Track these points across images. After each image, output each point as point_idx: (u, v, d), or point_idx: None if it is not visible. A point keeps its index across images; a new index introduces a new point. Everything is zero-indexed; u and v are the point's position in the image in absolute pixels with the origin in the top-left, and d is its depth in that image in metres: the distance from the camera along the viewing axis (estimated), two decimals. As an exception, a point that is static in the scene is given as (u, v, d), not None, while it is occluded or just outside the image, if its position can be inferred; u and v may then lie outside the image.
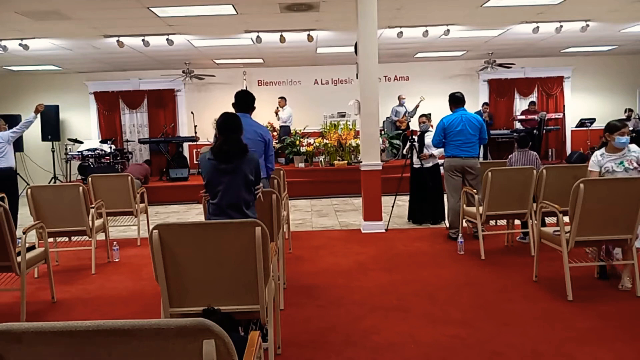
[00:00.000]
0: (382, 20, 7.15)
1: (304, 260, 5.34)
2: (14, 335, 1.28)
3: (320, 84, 13.12)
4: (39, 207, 5.09)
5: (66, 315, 4.02)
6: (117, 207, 6.16)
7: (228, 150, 3.23)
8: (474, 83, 13.12)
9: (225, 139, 3.27)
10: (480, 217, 5.17)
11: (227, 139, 3.26)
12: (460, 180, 5.87)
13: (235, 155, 3.25)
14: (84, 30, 8.21)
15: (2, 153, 6.55)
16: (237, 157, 3.26)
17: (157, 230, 2.49)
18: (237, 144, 3.27)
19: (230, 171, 3.26)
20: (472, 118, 5.90)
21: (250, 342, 1.83)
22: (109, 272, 5.23)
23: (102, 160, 10.73)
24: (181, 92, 13.08)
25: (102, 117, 12.99)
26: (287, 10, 7.42)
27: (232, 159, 3.25)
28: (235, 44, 9.76)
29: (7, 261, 3.75)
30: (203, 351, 1.27)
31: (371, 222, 6.63)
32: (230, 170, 3.26)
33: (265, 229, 2.52)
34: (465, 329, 3.40)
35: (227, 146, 3.24)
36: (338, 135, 10.59)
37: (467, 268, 4.87)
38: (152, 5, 6.82)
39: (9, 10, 6.72)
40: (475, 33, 9.69)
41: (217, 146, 3.26)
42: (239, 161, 3.27)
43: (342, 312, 3.80)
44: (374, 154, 6.70)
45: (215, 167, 3.27)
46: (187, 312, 2.58)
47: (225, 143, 3.25)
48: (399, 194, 7.18)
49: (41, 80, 12.69)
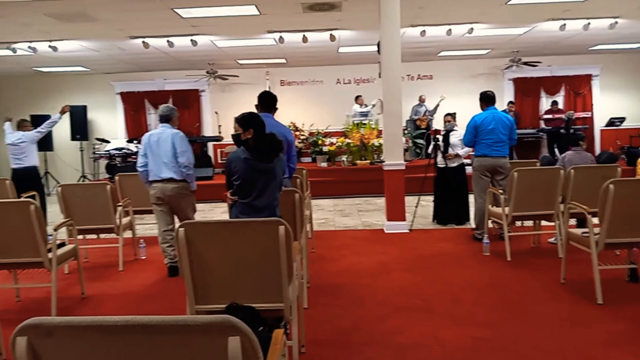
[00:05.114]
0: (404, 19, 7.10)
1: (327, 260, 5.34)
2: (46, 329, 1.31)
3: (343, 84, 13.10)
4: (68, 205, 5.21)
5: (95, 310, 4.11)
6: (143, 205, 6.22)
7: (268, 149, 3.17)
8: (499, 82, 12.91)
9: (261, 137, 3.19)
10: (506, 218, 5.10)
11: (263, 137, 3.20)
12: (489, 181, 5.76)
13: (274, 154, 3.20)
14: (110, 32, 8.36)
15: (26, 152, 6.73)
16: (275, 156, 3.22)
17: (183, 228, 2.52)
18: (274, 142, 3.21)
19: (266, 171, 3.22)
20: (504, 117, 5.80)
21: (274, 339, 1.84)
22: (135, 269, 5.32)
23: (129, 159, 10.92)
24: (205, 92, 13.22)
25: (128, 117, 13.22)
26: (310, 10, 7.42)
27: (271, 158, 3.20)
28: (258, 44, 9.81)
29: (38, 257, 3.85)
30: (228, 348, 1.28)
31: (394, 222, 6.59)
32: (268, 170, 3.22)
33: (288, 228, 2.53)
34: (490, 331, 3.36)
35: (266, 145, 3.17)
36: (361, 134, 10.55)
37: (492, 269, 4.81)
38: (176, 6, 6.91)
39: (38, 13, 6.89)
40: (500, 31, 9.54)
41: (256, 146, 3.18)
42: (275, 160, 3.23)
43: (365, 312, 3.79)
44: (397, 153, 6.66)
45: (253, 167, 3.19)
46: (212, 309, 2.60)
47: (264, 142, 3.19)
48: (423, 194, 7.12)
49: (69, 81, 12.97)
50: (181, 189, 4.75)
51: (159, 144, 4.69)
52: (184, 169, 4.70)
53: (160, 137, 4.72)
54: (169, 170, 4.68)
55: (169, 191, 4.73)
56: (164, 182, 4.71)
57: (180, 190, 4.74)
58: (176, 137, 4.70)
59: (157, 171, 4.71)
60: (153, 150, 4.70)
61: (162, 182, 4.70)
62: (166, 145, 4.67)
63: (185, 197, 4.82)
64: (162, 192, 4.73)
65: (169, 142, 4.68)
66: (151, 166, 4.73)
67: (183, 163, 4.67)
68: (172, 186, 4.71)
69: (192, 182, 4.84)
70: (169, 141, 4.68)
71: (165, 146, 4.67)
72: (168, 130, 4.76)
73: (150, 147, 4.72)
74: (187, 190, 4.81)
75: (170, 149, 4.66)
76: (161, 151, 4.67)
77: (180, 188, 4.74)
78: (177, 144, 4.67)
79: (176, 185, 4.72)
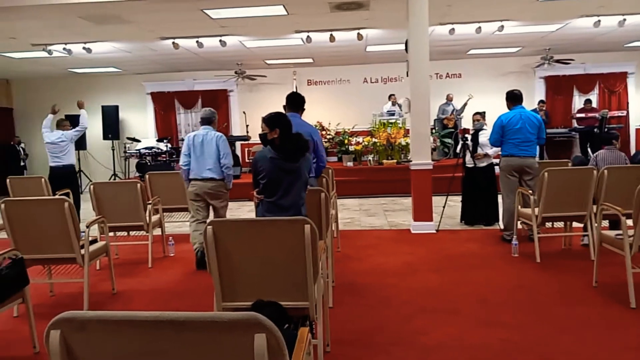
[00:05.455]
0: (433, 17, 7.03)
1: (352, 259, 5.34)
2: (79, 322, 1.35)
3: (370, 83, 13.05)
4: (100, 203, 5.35)
5: (125, 306, 4.20)
6: (172, 203, 6.37)
7: (294, 149, 3.21)
8: (530, 80, 12.66)
9: (287, 137, 3.23)
10: (535, 219, 5.00)
11: (289, 137, 3.23)
12: (516, 180, 5.68)
13: (300, 153, 3.24)
14: (141, 33, 8.54)
15: (65, 151, 6.92)
16: (301, 156, 3.25)
17: (211, 226, 2.56)
18: (300, 142, 3.25)
19: (292, 171, 3.25)
20: (531, 116, 5.69)
21: (300, 337, 1.85)
22: (164, 266, 5.42)
23: (159, 158, 11.13)
24: (233, 92, 13.36)
25: (158, 117, 13.47)
26: (337, 10, 7.42)
27: (297, 157, 3.24)
28: (286, 44, 9.86)
29: (72, 253, 3.97)
30: (254, 345, 1.30)
31: (421, 222, 6.54)
32: (294, 170, 3.25)
33: (314, 226, 2.54)
34: (518, 333, 3.30)
35: (292, 145, 3.21)
36: (387, 134, 10.50)
37: (521, 271, 4.72)
38: (206, 7, 7.00)
39: (73, 16, 7.09)
40: (531, 28, 9.35)
41: (282, 145, 3.22)
42: (301, 159, 3.26)
43: (390, 312, 3.78)
44: (424, 153, 6.61)
45: (279, 166, 3.23)
46: (238, 306, 2.64)
47: (290, 142, 3.23)
48: (451, 194, 7.04)
49: (102, 81, 13.30)
50: (219, 187, 5.04)
51: (203, 145, 4.96)
52: (226, 169, 5.01)
53: (204, 138, 4.99)
54: (211, 170, 4.96)
55: (207, 189, 5.00)
56: (204, 181, 4.98)
57: (218, 188, 5.03)
58: (220, 140, 4.99)
59: (198, 170, 4.98)
60: (197, 150, 4.99)
61: (203, 180, 4.98)
62: (210, 146, 4.96)
63: (221, 195, 5.11)
64: (201, 189, 5.00)
65: (213, 143, 4.97)
66: (193, 165, 5.00)
67: (226, 164, 4.98)
68: (211, 184, 4.99)
69: (229, 182, 5.11)
70: (213, 143, 4.96)
71: (210, 147, 4.95)
72: (212, 132, 5.03)
73: (194, 148, 5.00)
74: (224, 188, 5.09)
75: (214, 150, 4.95)
76: (205, 152, 4.96)
77: (218, 186, 5.03)
78: (221, 146, 4.97)
79: (214, 184, 4.99)
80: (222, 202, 5.15)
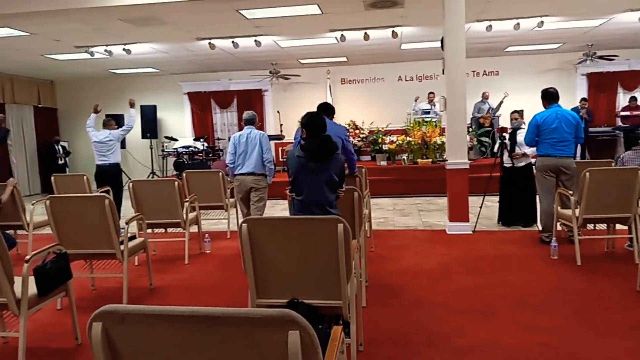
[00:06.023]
0: (469, 13, 6.91)
1: (386, 259, 5.30)
2: (119, 316, 1.39)
3: (404, 81, 12.93)
4: (139, 200, 5.49)
5: (162, 301, 4.30)
6: (208, 201, 6.49)
7: (318, 150, 3.28)
8: (571, 77, 12.29)
9: (313, 138, 3.32)
10: (576, 220, 4.85)
11: (315, 138, 3.31)
12: (553, 180, 5.53)
13: (324, 154, 3.30)
14: (179, 34, 8.72)
15: (112, 150, 7.13)
16: (326, 157, 3.31)
17: (245, 224, 2.59)
18: (326, 144, 3.31)
19: (317, 170, 3.31)
20: (568, 115, 5.53)
21: (333, 336, 1.85)
22: (200, 262, 5.52)
23: (195, 157, 11.33)
24: (268, 91, 13.48)
25: (195, 116, 13.72)
26: (372, 8, 7.39)
27: (321, 158, 3.30)
28: (320, 43, 9.88)
29: (112, 249, 4.09)
30: (288, 342, 1.31)
31: (457, 222, 6.44)
32: (317, 169, 3.31)
33: (347, 226, 2.54)
34: (557, 337, 3.21)
35: (316, 145, 3.29)
36: (422, 132, 10.38)
37: (560, 274, 4.59)
38: (241, 7, 7.09)
39: (114, 19, 7.30)
40: (573, 24, 9.06)
41: (307, 145, 3.32)
42: (327, 161, 3.31)
43: (424, 313, 3.74)
44: (460, 152, 6.50)
45: (302, 165, 3.33)
46: (272, 303, 2.66)
47: (315, 142, 3.31)
48: (488, 194, 6.91)
49: (141, 81, 13.64)
50: (259, 181, 5.44)
51: (247, 142, 5.39)
52: (268, 164, 5.43)
53: (248, 136, 5.41)
54: (253, 164, 5.37)
55: (249, 182, 5.40)
56: (246, 175, 5.39)
57: (259, 182, 5.43)
58: (263, 137, 5.43)
59: (242, 165, 5.41)
60: (241, 147, 5.41)
61: (245, 175, 5.40)
62: (254, 143, 5.38)
63: (261, 189, 5.47)
64: (244, 182, 5.43)
65: (257, 140, 5.38)
66: (238, 161, 5.44)
67: (267, 158, 5.40)
68: (252, 178, 5.40)
69: (270, 177, 5.51)
70: (257, 140, 5.38)
71: (253, 144, 5.38)
72: (255, 131, 5.45)
73: (239, 145, 5.42)
74: (264, 182, 5.48)
75: (257, 146, 5.37)
76: (248, 148, 5.38)
77: (258, 180, 5.43)
78: (263, 143, 5.41)
79: (256, 178, 5.41)
80: (261, 194, 5.47)
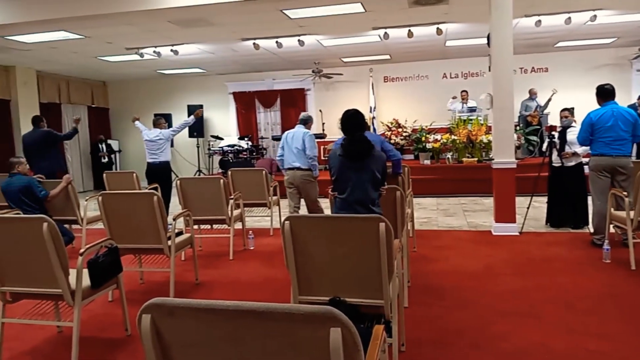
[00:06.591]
0: (517, 8, 6.71)
1: (428, 260, 5.24)
2: (168, 309, 1.44)
3: (449, 78, 12.71)
4: (186, 197, 5.65)
5: (207, 295, 4.41)
6: (252, 198, 6.61)
7: (355, 149, 3.33)
8: (626, 73, 11.73)
9: (351, 137, 3.37)
10: (630, 223, 4.64)
11: (352, 138, 3.36)
12: (608, 181, 5.31)
13: (362, 153, 3.33)
14: (224, 35, 8.89)
15: (162, 148, 7.37)
16: (364, 155, 3.33)
17: (288, 222, 2.62)
18: (362, 143, 3.34)
19: (359, 168, 3.35)
20: (625, 112, 5.29)
21: (375, 335, 1.85)
22: (244, 258, 5.62)
23: (240, 156, 11.53)
24: (310, 91, 13.54)
25: (239, 116, 13.95)
26: (416, 5, 7.30)
27: (359, 157, 3.34)
28: (363, 41, 9.84)
29: (160, 244, 4.22)
30: (330, 339, 1.32)
31: (503, 223, 6.28)
32: (358, 168, 3.35)
33: (389, 225, 2.53)
34: (609, 344, 3.09)
35: (353, 145, 3.34)
36: (468, 131, 10.17)
37: (612, 278, 4.40)
38: (285, 7, 7.16)
39: (162, 20, 7.53)
40: (628, 17, 8.64)
41: (345, 145, 3.36)
42: (367, 159, 3.34)
43: (468, 315, 3.68)
44: (507, 151, 6.34)
45: (344, 164, 3.38)
46: (314, 300, 2.68)
47: (351, 142, 3.35)
48: (536, 194, 6.70)
49: (188, 82, 13.99)
50: (307, 175, 5.78)
51: (293, 140, 5.80)
52: (310, 160, 5.75)
53: (294, 134, 5.83)
54: (298, 160, 5.73)
55: (297, 177, 5.76)
56: (294, 170, 5.77)
57: (306, 177, 5.77)
58: (306, 135, 5.78)
59: (290, 161, 5.81)
60: (289, 144, 5.83)
61: (293, 170, 5.78)
62: (297, 141, 5.76)
63: (310, 183, 5.81)
64: (292, 177, 5.80)
65: (300, 138, 5.76)
66: (286, 157, 5.84)
67: (309, 155, 5.73)
68: (300, 173, 5.76)
69: (315, 171, 5.84)
70: (300, 138, 5.76)
71: (297, 141, 5.76)
72: (301, 129, 5.84)
73: (287, 142, 5.84)
74: (311, 177, 5.81)
75: (300, 144, 5.74)
76: (293, 145, 5.78)
77: (306, 175, 5.77)
78: (306, 140, 5.75)
79: (303, 173, 5.76)
80: (311, 189, 5.81)
